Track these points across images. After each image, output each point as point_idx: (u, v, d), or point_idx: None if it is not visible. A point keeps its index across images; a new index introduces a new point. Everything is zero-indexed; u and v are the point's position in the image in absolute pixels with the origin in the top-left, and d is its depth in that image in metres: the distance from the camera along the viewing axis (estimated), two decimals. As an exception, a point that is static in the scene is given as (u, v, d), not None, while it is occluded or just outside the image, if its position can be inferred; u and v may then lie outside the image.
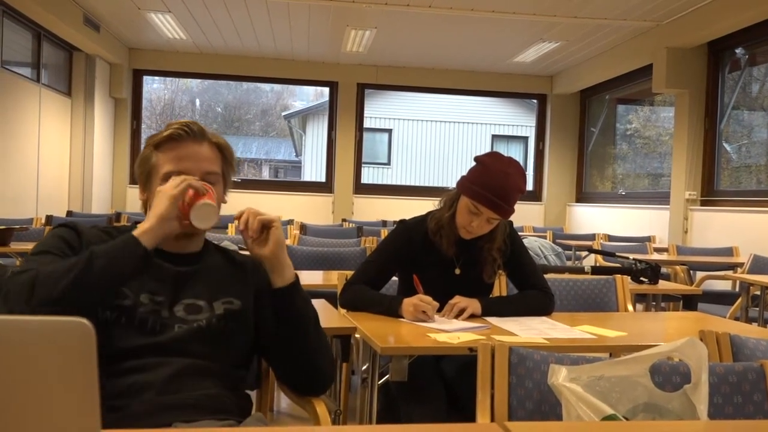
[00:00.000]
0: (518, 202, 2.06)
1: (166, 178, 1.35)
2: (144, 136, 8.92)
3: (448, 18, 6.43)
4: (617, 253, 3.89)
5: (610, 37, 6.88)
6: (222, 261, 1.48)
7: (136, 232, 1.25)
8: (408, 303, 1.97)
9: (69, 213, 6.81)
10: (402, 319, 1.97)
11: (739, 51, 6.10)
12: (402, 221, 2.23)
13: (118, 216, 6.71)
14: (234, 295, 1.41)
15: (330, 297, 2.25)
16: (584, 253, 5.96)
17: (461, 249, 2.15)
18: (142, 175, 1.41)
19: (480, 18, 6.37)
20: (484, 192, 2.00)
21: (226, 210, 1.46)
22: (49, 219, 5.68)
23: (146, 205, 1.42)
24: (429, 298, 1.96)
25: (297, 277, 1.42)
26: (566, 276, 2.67)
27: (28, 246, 3.61)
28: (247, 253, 1.45)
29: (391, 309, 2.00)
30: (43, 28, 6.64)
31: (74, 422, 0.53)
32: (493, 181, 2.00)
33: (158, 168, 1.38)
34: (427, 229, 2.14)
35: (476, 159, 2.10)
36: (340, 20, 6.68)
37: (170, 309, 1.33)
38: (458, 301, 2.03)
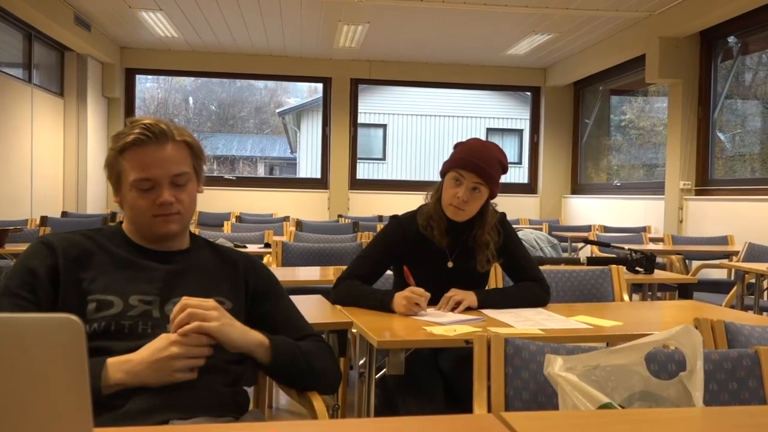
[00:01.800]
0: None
1: (135, 186, 1.34)
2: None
3: (440, 12, 6.43)
4: (613, 244, 3.90)
5: (602, 28, 6.88)
6: (212, 258, 1.47)
7: (115, 373, 1.18)
8: (400, 296, 1.97)
9: (64, 213, 6.79)
10: (397, 314, 1.97)
11: (731, 40, 6.10)
12: (394, 217, 2.23)
13: (113, 216, 6.68)
14: (225, 294, 1.40)
15: (326, 293, 2.25)
16: (580, 245, 5.97)
17: (454, 241, 2.15)
18: (112, 178, 1.39)
19: (472, 11, 6.36)
20: (462, 155, 2.08)
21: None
22: (44, 220, 5.66)
23: (122, 205, 1.41)
24: (421, 290, 1.95)
25: (272, 347, 1.34)
26: (562, 267, 2.67)
27: (23, 247, 3.60)
28: (241, 249, 1.44)
29: (383, 304, 1.99)
30: (34, 28, 6.61)
31: (66, 419, 0.53)
32: (472, 148, 2.10)
33: (126, 175, 1.35)
34: (419, 224, 2.15)
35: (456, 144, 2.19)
36: (332, 15, 6.66)
37: (161, 309, 1.33)
38: (454, 293, 2.03)
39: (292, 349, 1.37)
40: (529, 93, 9.42)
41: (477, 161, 2.05)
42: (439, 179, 2.22)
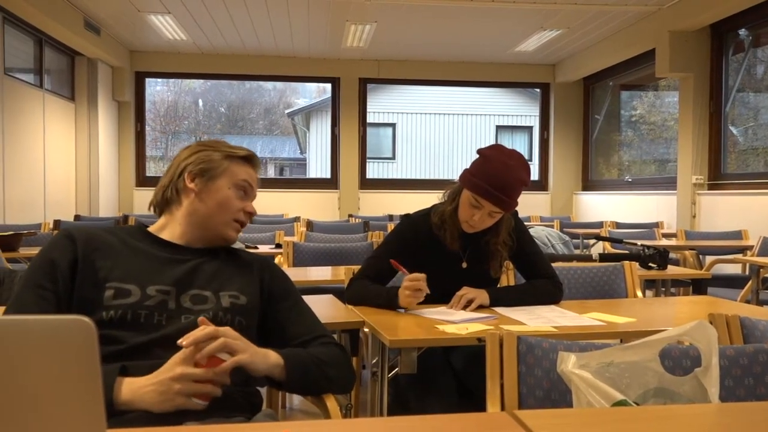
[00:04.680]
0: (524, 191, 2.04)
1: (239, 186, 1.47)
2: (149, 139, 8.96)
3: (448, 9, 6.41)
4: (625, 240, 3.87)
5: (611, 23, 6.84)
6: (228, 257, 1.50)
7: (124, 392, 1.17)
8: (401, 289, 1.96)
9: (77, 217, 6.84)
10: (409, 312, 1.96)
11: (742, 32, 6.04)
12: (407, 215, 2.22)
13: (125, 218, 6.74)
14: (239, 290, 1.42)
15: (338, 292, 2.25)
16: (592, 241, 5.93)
17: (466, 243, 2.14)
18: (203, 172, 1.46)
19: (480, 8, 6.34)
20: (484, 185, 1.98)
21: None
22: (57, 223, 5.70)
23: (185, 195, 1.46)
24: (417, 274, 1.94)
25: (286, 365, 1.32)
26: (574, 264, 2.66)
27: (36, 250, 3.63)
28: (254, 251, 1.46)
29: (391, 301, 1.99)
30: (44, 33, 6.66)
31: (79, 421, 0.53)
32: (495, 173, 1.98)
33: (232, 174, 1.47)
34: (431, 223, 2.13)
35: (479, 152, 2.08)
36: (340, 15, 6.67)
37: (177, 300, 1.35)
38: (466, 291, 2.02)
39: (305, 361, 1.36)
40: (538, 89, 9.39)
41: (498, 193, 1.97)
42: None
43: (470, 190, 2.02)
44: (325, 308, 1.98)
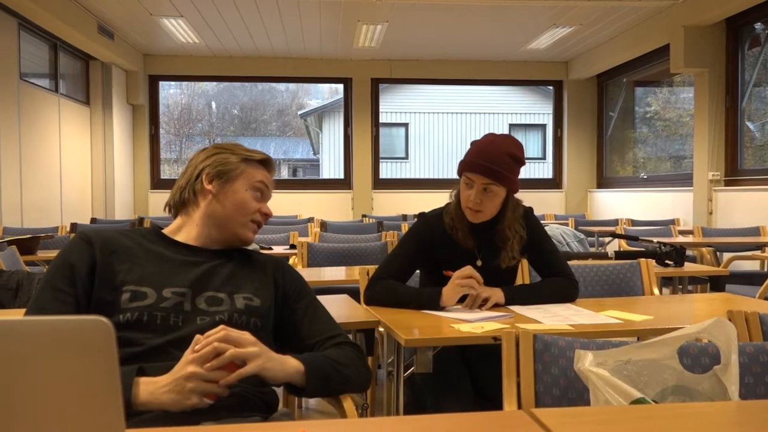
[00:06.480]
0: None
1: (256, 187, 1.49)
2: (163, 141, 9.03)
3: (459, 8, 6.40)
4: (641, 237, 3.84)
5: (625, 19, 6.79)
6: (243, 259, 1.51)
7: (142, 393, 1.17)
8: (450, 286, 1.95)
9: (93, 220, 6.90)
10: (426, 312, 1.95)
11: (758, 26, 5.97)
12: (422, 214, 2.22)
13: (141, 221, 6.78)
14: (253, 292, 1.43)
15: (352, 292, 2.25)
16: (607, 239, 5.89)
17: (480, 239, 2.13)
18: (216, 169, 1.48)
19: (492, 6, 6.32)
20: (469, 158, 2.04)
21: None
22: (74, 226, 5.76)
23: (203, 196, 1.48)
24: (466, 268, 1.96)
25: (307, 371, 1.30)
26: (590, 262, 2.64)
27: (54, 253, 3.66)
28: (268, 252, 1.46)
29: (430, 301, 1.96)
30: (59, 38, 6.73)
31: (98, 421, 0.53)
32: (479, 148, 2.04)
33: (249, 176, 1.49)
34: (445, 223, 2.13)
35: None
36: (351, 16, 6.67)
37: (193, 302, 1.36)
38: (481, 290, 2.02)
39: (324, 366, 1.35)
40: (551, 87, 9.34)
41: (483, 162, 2.00)
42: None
43: (461, 171, 2.07)
44: (340, 308, 1.98)
